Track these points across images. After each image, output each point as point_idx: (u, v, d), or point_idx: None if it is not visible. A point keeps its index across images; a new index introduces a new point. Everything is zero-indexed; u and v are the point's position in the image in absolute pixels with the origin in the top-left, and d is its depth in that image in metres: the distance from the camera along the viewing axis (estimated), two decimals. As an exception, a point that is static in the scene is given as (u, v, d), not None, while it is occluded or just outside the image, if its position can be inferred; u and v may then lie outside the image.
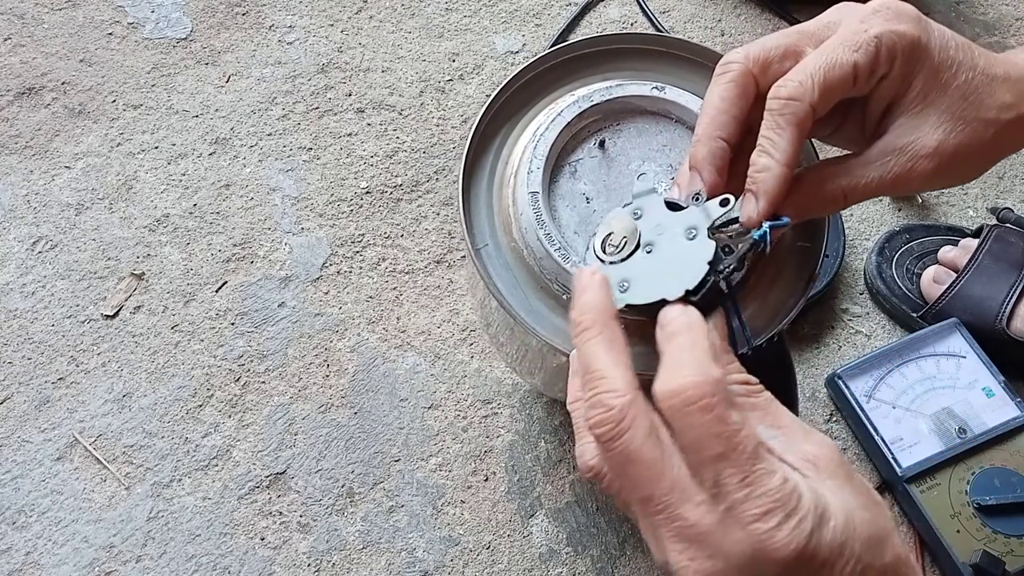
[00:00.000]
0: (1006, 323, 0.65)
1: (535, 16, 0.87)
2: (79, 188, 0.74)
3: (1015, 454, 0.61)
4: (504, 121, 0.47)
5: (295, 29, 0.84)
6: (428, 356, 0.68)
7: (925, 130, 0.36)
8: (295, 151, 0.77)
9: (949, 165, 0.36)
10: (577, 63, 0.49)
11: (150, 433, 0.64)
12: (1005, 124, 0.36)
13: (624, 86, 0.46)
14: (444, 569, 0.61)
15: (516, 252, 0.44)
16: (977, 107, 0.36)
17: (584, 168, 0.45)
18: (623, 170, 0.45)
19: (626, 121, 0.46)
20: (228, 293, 0.70)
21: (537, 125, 0.46)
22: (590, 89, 0.46)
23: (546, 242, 0.42)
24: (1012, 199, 0.79)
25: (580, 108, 0.45)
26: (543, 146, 0.44)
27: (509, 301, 0.43)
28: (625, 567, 0.61)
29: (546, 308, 0.43)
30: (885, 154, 0.36)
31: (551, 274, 0.42)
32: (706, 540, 0.28)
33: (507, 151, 0.47)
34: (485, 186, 0.46)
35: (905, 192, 0.38)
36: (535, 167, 0.43)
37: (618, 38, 0.49)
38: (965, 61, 0.36)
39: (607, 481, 0.31)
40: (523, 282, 0.44)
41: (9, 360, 0.66)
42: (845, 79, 0.35)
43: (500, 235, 0.45)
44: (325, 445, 0.64)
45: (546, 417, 0.67)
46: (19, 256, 0.70)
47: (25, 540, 0.60)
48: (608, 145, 0.46)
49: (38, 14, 0.83)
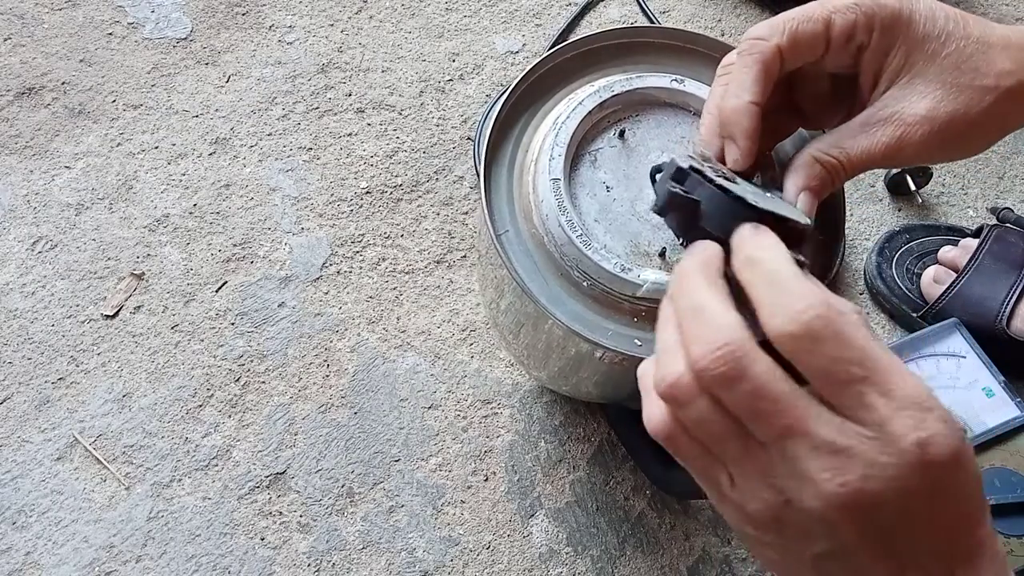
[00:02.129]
0: (1006, 323, 0.65)
1: (535, 16, 0.87)
2: (79, 188, 0.74)
3: (1015, 454, 0.61)
4: (524, 109, 0.48)
5: (295, 29, 0.84)
6: (428, 356, 0.68)
7: (913, 99, 0.36)
8: (295, 151, 0.77)
9: (945, 134, 0.36)
10: (597, 54, 0.49)
11: (150, 433, 0.64)
12: (1006, 92, 0.36)
13: (644, 77, 0.46)
14: (444, 569, 0.61)
15: (536, 239, 0.44)
16: (972, 74, 0.36)
17: (604, 157, 0.46)
18: (643, 159, 0.46)
19: (645, 112, 0.47)
20: (228, 293, 0.70)
21: (558, 114, 0.46)
22: (611, 80, 0.46)
23: (568, 228, 0.42)
24: (1012, 199, 0.79)
25: (601, 98, 0.45)
26: (564, 134, 0.44)
27: (530, 287, 0.43)
28: (625, 567, 0.61)
29: (566, 295, 0.43)
30: (871, 124, 0.36)
31: (572, 261, 0.42)
32: (859, 461, 0.26)
33: (527, 139, 0.47)
34: (505, 174, 0.46)
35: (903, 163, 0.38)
36: (556, 154, 0.43)
37: (638, 31, 0.50)
38: (955, 31, 0.36)
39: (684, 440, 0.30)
40: (544, 269, 0.44)
41: (9, 360, 0.66)
42: (816, 33, 0.36)
43: (520, 222, 0.45)
44: (325, 445, 0.64)
45: (546, 417, 0.67)
46: (19, 256, 0.70)
47: (25, 540, 0.60)
48: (628, 135, 0.46)
49: (38, 14, 0.83)
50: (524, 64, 0.83)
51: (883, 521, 0.27)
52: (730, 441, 0.28)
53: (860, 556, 0.28)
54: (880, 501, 0.26)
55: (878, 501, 0.26)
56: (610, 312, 0.43)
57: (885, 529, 0.27)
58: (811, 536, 0.28)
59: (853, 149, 0.36)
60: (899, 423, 0.26)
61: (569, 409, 0.67)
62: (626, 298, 0.42)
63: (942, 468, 0.26)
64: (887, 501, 0.26)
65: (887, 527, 0.27)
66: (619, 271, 0.41)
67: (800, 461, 0.27)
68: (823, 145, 0.37)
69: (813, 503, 0.27)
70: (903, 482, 0.26)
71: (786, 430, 0.27)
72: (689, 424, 0.29)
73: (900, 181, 0.76)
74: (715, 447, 0.29)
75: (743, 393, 0.27)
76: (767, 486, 0.28)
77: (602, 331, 0.42)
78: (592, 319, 0.43)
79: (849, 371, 0.27)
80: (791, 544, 0.29)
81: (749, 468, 0.28)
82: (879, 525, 0.27)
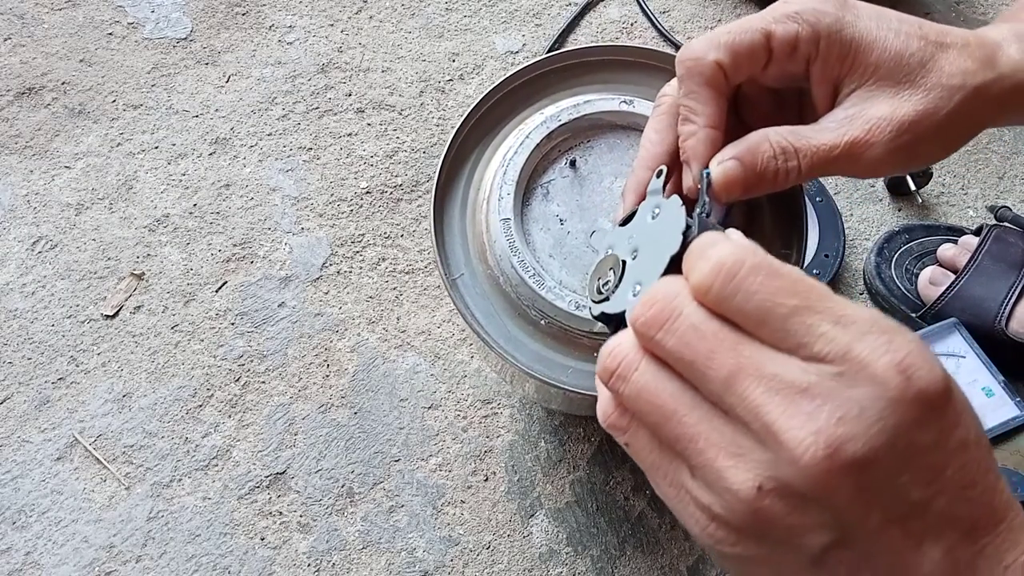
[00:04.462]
0: (1005, 323, 0.65)
1: (535, 16, 0.87)
2: (79, 188, 0.74)
3: (1015, 454, 0.61)
4: (475, 145, 0.47)
5: (295, 29, 0.84)
6: (428, 356, 0.68)
7: (880, 99, 0.35)
8: (295, 151, 0.77)
9: (915, 134, 0.35)
10: (546, 79, 0.48)
11: (150, 433, 0.64)
12: (973, 90, 0.35)
13: (592, 102, 0.45)
14: (444, 569, 0.61)
15: (492, 279, 0.44)
16: (937, 74, 0.35)
17: (556, 189, 0.45)
18: (596, 187, 0.45)
19: (596, 137, 0.46)
20: (228, 293, 0.70)
21: (507, 148, 0.45)
22: (558, 107, 0.46)
23: (520, 269, 0.41)
24: (1012, 199, 0.79)
25: (548, 129, 0.45)
26: (512, 171, 0.43)
27: (487, 330, 0.43)
28: (625, 567, 0.61)
29: (525, 335, 0.43)
30: (839, 122, 0.35)
31: (527, 300, 0.42)
32: (830, 401, 0.22)
33: (479, 175, 0.46)
34: (458, 213, 0.46)
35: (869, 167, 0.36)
36: (506, 193, 0.43)
37: (584, 52, 0.49)
38: (912, 32, 0.35)
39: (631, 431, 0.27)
40: (501, 310, 0.43)
41: (9, 360, 0.66)
42: (755, 44, 0.35)
43: (475, 262, 0.44)
44: (325, 445, 0.64)
45: (546, 417, 0.67)
46: (19, 256, 0.70)
47: (25, 540, 0.60)
48: (579, 163, 0.45)
49: (38, 14, 0.83)
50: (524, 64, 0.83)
51: (881, 476, 0.22)
52: (683, 413, 0.25)
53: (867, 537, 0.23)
54: (870, 448, 0.22)
55: (867, 449, 0.22)
56: (570, 349, 0.43)
57: (886, 488, 0.22)
58: (804, 528, 0.23)
59: (814, 140, 0.34)
60: (864, 347, 0.22)
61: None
62: (584, 334, 0.42)
63: (936, 397, 0.22)
64: (878, 446, 0.22)
65: (888, 485, 0.22)
66: (574, 309, 0.41)
67: (760, 414, 0.23)
68: (781, 130, 0.35)
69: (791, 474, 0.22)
70: (891, 418, 0.22)
71: (735, 369, 0.23)
72: (634, 400, 0.26)
73: (900, 181, 0.76)
74: (667, 427, 0.25)
75: (679, 334, 0.24)
76: (732, 467, 0.23)
77: (562, 369, 0.42)
78: (552, 357, 0.43)
79: (785, 303, 0.23)
80: (782, 550, 0.24)
81: (709, 447, 0.24)
82: (879, 486, 0.22)
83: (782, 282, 0.23)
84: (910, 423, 0.22)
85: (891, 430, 0.22)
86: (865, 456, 0.22)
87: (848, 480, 0.22)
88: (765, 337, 0.24)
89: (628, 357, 0.26)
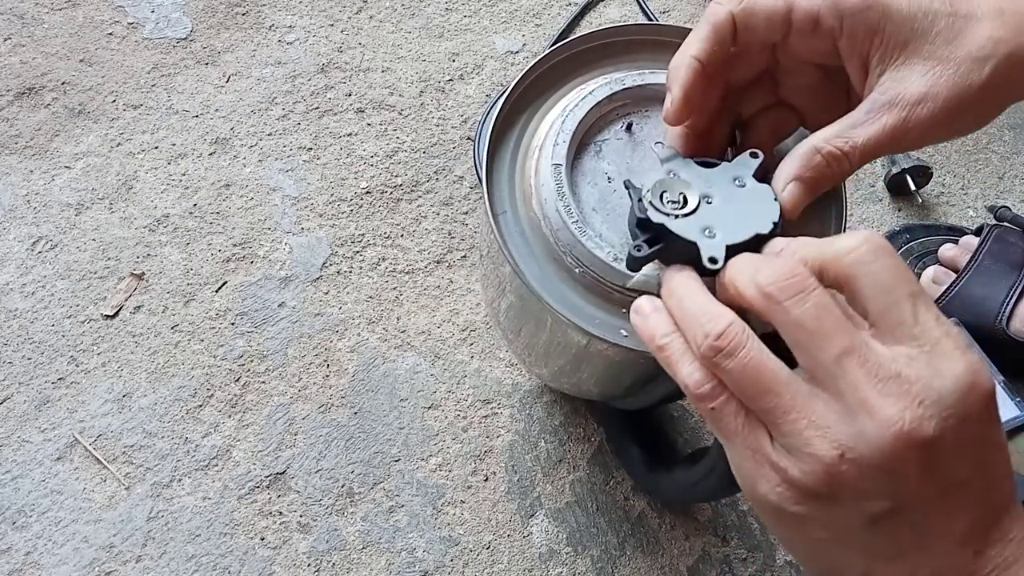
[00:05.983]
0: (1006, 323, 0.65)
1: (535, 16, 0.87)
2: (79, 188, 0.74)
3: (1015, 454, 0.61)
4: (534, 98, 0.48)
5: (295, 29, 0.84)
6: (428, 356, 0.68)
7: (912, 79, 0.35)
8: (295, 151, 0.77)
9: (950, 110, 0.35)
10: (610, 49, 0.50)
11: (150, 433, 0.64)
12: (1004, 58, 0.35)
13: (656, 73, 0.47)
14: (444, 569, 0.61)
15: (533, 223, 0.44)
16: (967, 46, 0.35)
17: (609, 148, 0.46)
18: (647, 154, 0.46)
19: (654, 109, 0.47)
20: (228, 293, 0.70)
21: (568, 102, 0.47)
22: (623, 74, 0.47)
23: (564, 214, 0.42)
24: (1012, 199, 0.79)
25: (611, 90, 0.46)
26: (571, 121, 0.44)
27: (522, 269, 0.43)
28: (625, 567, 0.61)
29: (557, 279, 0.43)
30: (875, 110, 0.36)
31: (566, 247, 0.43)
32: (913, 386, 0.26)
33: (535, 124, 0.47)
34: (509, 157, 0.47)
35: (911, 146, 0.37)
36: (561, 140, 0.44)
37: (656, 29, 0.50)
38: (942, 8, 0.35)
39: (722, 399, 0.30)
40: (538, 253, 0.44)
41: (9, 360, 0.66)
42: (774, 10, 0.36)
43: (519, 205, 0.45)
44: (325, 445, 0.64)
45: (546, 417, 0.67)
46: (19, 256, 0.70)
47: (25, 540, 0.60)
48: (635, 129, 0.47)
49: (38, 14, 0.83)
50: (524, 64, 0.83)
51: (943, 457, 0.27)
52: (780, 388, 0.28)
53: (918, 505, 0.27)
54: (941, 431, 0.26)
55: (939, 431, 0.26)
56: (599, 301, 0.43)
57: (944, 468, 0.27)
58: (869, 494, 0.27)
59: (859, 137, 0.36)
60: (949, 343, 0.27)
61: (569, 409, 0.67)
62: (616, 288, 0.42)
63: (991, 399, 0.27)
64: (947, 429, 0.26)
65: (946, 465, 0.27)
66: (611, 260, 0.41)
67: (859, 389, 0.27)
68: (826, 134, 0.36)
69: (873, 445, 0.26)
70: (961, 408, 0.26)
71: (849, 348, 0.27)
72: (738, 374, 0.29)
73: (900, 181, 0.76)
74: (763, 399, 0.29)
75: (809, 306, 0.28)
76: (819, 436, 0.27)
77: (589, 319, 0.43)
78: (581, 306, 0.43)
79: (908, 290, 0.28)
80: (843, 511, 0.28)
81: (800, 419, 0.28)
82: (939, 462, 0.27)
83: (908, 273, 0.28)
84: (974, 415, 0.27)
85: (959, 417, 0.26)
86: (935, 437, 0.26)
87: (919, 454, 0.26)
88: (877, 323, 0.28)
89: (738, 337, 0.29)
